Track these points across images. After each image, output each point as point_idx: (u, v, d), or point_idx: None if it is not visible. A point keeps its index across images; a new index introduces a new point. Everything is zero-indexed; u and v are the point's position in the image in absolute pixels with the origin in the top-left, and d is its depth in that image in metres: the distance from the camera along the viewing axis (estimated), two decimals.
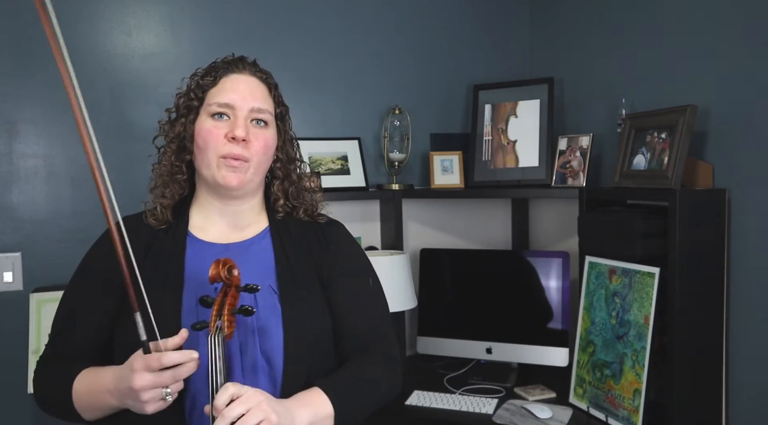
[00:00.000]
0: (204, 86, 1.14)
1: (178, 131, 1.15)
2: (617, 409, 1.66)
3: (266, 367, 1.07)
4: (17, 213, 1.88)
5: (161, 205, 1.15)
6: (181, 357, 0.94)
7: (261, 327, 1.08)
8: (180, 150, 1.16)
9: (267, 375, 1.07)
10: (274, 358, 1.07)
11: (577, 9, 2.24)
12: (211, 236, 1.16)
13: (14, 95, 1.88)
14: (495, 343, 2.11)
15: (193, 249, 1.14)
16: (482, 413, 1.78)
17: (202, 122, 1.12)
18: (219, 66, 1.16)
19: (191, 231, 1.16)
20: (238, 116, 1.11)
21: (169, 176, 1.16)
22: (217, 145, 1.10)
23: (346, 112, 2.30)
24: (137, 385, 0.93)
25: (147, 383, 0.93)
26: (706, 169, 1.68)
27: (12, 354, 1.83)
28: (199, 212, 1.18)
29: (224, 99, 1.12)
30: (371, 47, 2.32)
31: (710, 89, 1.69)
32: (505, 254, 2.34)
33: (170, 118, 1.19)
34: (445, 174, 2.31)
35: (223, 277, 1.00)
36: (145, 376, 0.93)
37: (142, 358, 0.94)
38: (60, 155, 1.93)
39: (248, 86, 1.14)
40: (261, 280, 1.10)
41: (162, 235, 1.14)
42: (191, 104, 1.15)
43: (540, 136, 2.20)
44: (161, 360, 0.93)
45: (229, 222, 1.18)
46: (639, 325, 1.63)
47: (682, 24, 1.78)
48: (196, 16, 2.08)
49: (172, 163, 1.16)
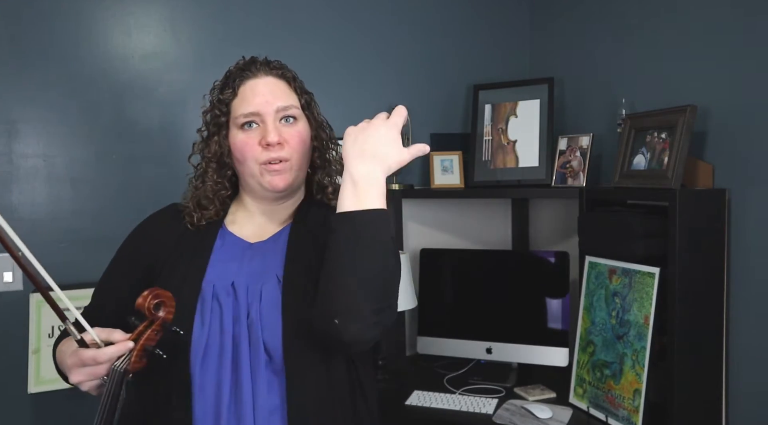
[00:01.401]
0: (225, 100, 1.14)
1: (215, 150, 1.15)
2: (617, 409, 1.66)
3: (270, 363, 1.06)
4: (17, 213, 1.88)
5: (200, 214, 1.16)
6: (117, 351, 0.95)
7: (264, 323, 1.07)
8: (220, 167, 1.17)
9: (270, 370, 1.06)
10: (274, 351, 1.06)
11: (577, 9, 2.24)
12: (245, 232, 1.18)
13: (14, 95, 1.88)
14: (495, 343, 2.11)
15: (221, 241, 1.16)
16: (482, 413, 1.78)
17: (234, 136, 1.13)
18: (234, 75, 1.15)
19: (225, 225, 1.18)
20: (267, 121, 1.11)
21: (214, 194, 1.17)
22: (255, 154, 1.11)
23: (346, 111, 2.28)
24: (74, 380, 0.96)
25: (83, 377, 0.96)
26: (706, 169, 1.68)
27: (12, 354, 1.83)
28: (238, 210, 1.21)
29: (248, 108, 1.12)
30: (371, 47, 2.31)
31: (710, 89, 1.69)
32: (505, 254, 2.34)
33: (203, 137, 1.19)
34: (445, 174, 2.31)
35: (146, 310, 0.96)
36: (81, 371, 0.95)
37: (77, 355, 0.95)
38: (60, 155, 1.93)
39: (267, 88, 1.14)
40: (270, 275, 1.11)
41: (197, 229, 1.17)
42: (219, 121, 1.15)
43: (540, 136, 2.20)
44: (96, 357, 0.94)
45: (268, 219, 1.19)
46: (639, 325, 1.63)
47: (682, 24, 1.78)
48: (196, 16, 2.08)
49: (216, 181, 1.17)
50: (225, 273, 1.11)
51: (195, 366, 1.05)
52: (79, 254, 1.92)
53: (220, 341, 1.06)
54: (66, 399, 1.81)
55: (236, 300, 1.09)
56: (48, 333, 1.80)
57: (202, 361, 1.05)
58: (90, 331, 0.95)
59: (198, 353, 1.05)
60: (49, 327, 1.81)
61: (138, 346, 0.95)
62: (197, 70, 2.05)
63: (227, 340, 1.06)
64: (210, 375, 1.05)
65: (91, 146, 1.95)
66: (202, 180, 1.18)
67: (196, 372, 1.05)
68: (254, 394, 1.05)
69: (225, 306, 1.08)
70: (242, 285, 1.10)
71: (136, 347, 0.94)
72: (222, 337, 1.06)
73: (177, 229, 1.17)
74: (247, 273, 1.11)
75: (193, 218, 1.16)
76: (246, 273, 1.11)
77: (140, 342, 0.95)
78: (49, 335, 1.80)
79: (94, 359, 0.93)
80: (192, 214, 1.16)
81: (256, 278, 1.11)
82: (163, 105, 2.04)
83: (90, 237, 1.94)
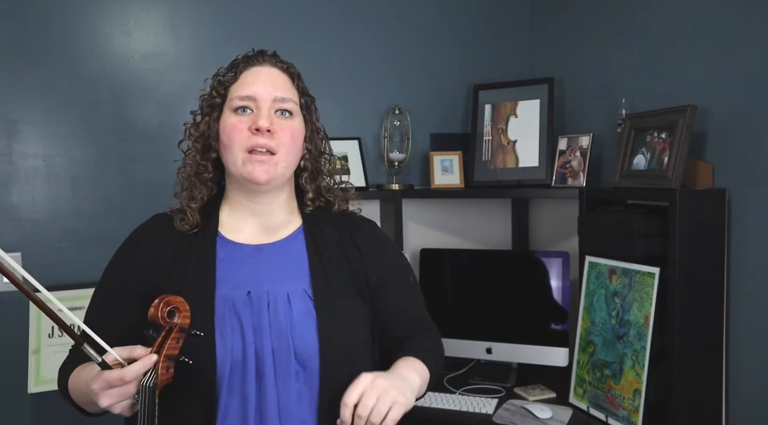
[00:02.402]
0: (225, 83, 1.12)
1: (203, 130, 1.13)
2: (617, 409, 1.66)
3: (302, 372, 1.05)
4: (17, 213, 1.88)
5: (190, 208, 1.12)
6: (143, 367, 0.91)
7: (295, 333, 1.06)
8: (205, 149, 1.13)
9: (302, 380, 1.05)
10: (309, 362, 1.05)
11: (577, 9, 2.24)
12: (242, 237, 1.14)
13: (14, 95, 1.88)
14: (495, 343, 2.11)
15: (224, 251, 1.11)
16: (482, 413, 1.78)
17: (226, 119, 1.10)
18: (239, 61, 1.14)
19: (221, 232, 1.14)
20: (261, 107, 1.08)
21: (196, 176, 1.13)
22: (242, 138, 1.07)
23: (346, 112, 2.29)
24: (105, 404, 0.91)
25: (114, 399, 0.91)
26: (706, 169, 1.68)
27: (12, 354, 1.83)
28: (229, 213, 1.16)
29: (246, 91, 1.09)
30: (371, 47, 2.31)
31: (710, 89, 1.69)
32: (505, 254, 2.34)
33: (195, 120, 1.16)
34: (445, 174, 2.31)
35: (161, 319, 0.93)
36: (110, 393, 0.91)
37: (101, 378, 0.90)
38: (60, 155, 1.93)
39: (269, 77, 1.12)
40: (293, 284, 1.10)
41: (191, 238, 1.12)
42: (214, 102, 1.12)
43: (540, 136, 2.20)
44: (123, 377, 0.89)
45: (260, 222, 1.15)
46: (639, 325, 1.63)
47: (682, 24, 1.78)
48: (196, 16, 2.08)
49: (198, 162, 1.13)
50: (238, 282, 1.08)
51: (222, 385, 1.02)
52: (78, 254, 1.92)
53: (243, 353, 1.03)
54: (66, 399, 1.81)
55: (253, 309, 1.07)
56: (48, 334, 1.80)
57: (229, 377, 1.02)
58: (111, 351, 0.92)
59: (224, 370, 1.02)
60: (49, 327, 1.81)
61: (162, 358, 0.92)
62: (197, 70, 2.03)
63: (250, 351, 1.04)
64: (236, 390, 1.03)
65: (91, 146, 1.96)
66: (185, 162, 1.16)
67: (223, 391, 1.02)
68: (281, 405, 1.03)
69: (244, 318, 1.05)
70: (259, 294, 1.08)
71: (160, 359, 0.92)
72: (245, 349, 1.04)
73: (170, 240, 1.12)
74: (263, 280, 1.09)
75: (186, 215, 1.11)
76: (261, 281, 1.09)
77: (163, 353, 0.93)
78: (48, 335, 1.80)
79: (121, 378, 0.89)
80: (185, 211, 1.12)
81: (274, 286, 1.09)
82: (162, 105, 2.04)
83: (90, 237, 1.94)
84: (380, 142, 2.32)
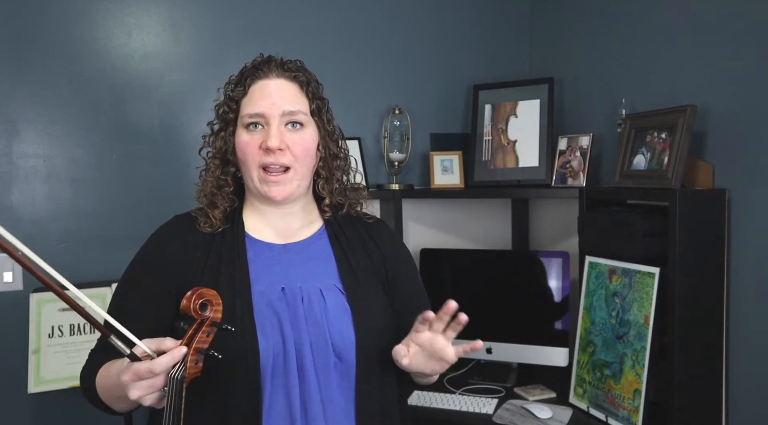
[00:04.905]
0: (235, 97, 1.14)
1: (219, 146, 1.16)
2: (617, 409, 1.66)
3: (339, 364, 1.09)
4: (17, 213, 1.88)
5: (213, 214, 1.15)
6: (172, 359, 0.91)
7: (332, 326, 1.10)
8: (224, 164, 1.17)
9: (339, 371, 1.09)
10: (346, 354, 1.09)
11: (577, 9, 2.24)
12: (268, 237, 1.18)
13: (14, 95, 1.88)
14: (495, 343, 2.11)
15: (253, 250, 1.15)
16: (482, 413, 1.78)
17: (239, 135, 1.13)
18: (247, 73, 1.15)
19: (248, 233, 1.17)
20: (271, 124, 1.11)
21: (217, 189, 1.16)
22: (255, 156, 1.11)
23: (346, 112, 2.28)
24: (135, 396, 0.92)
25: (143, 391, 0.92)
26: (706, 169, 1.68)
27: (12, 354, 1.83)
28: (252, 215, 1.19)
29: (254, 109, 1.11)
30: (371, 47, 2.32)
31: (710, 89, 1.69)
32: (505, 254, 2.34)
33: (213, 130, 1.19)
34: (445, 174, 2.31)
35: (193, 311, 0.94)
36: (139, 385, 0.91)
37: (131, 370, 0.91)
38: (60, 155, 1.93)
39: (277, 90, 1.13)
40: (324, 280, 1.14)
41: (219, 238, 1.14)
42: (227, 117, 1.15)
43: (540, 136, 2.20)
44: (152, 368, 0.90)
45: (282, 225, 1.19)
46: (639, 325, 1.63)
47: (682, 24, 1.78)
48: (196, 16, 2.08)
49: (218, 177, 1.17)
50: (270, 279, 1.12)
51: (266, 379, 1.05)
52: (79, 254, 1.92)
53: (284, 346, 1.06)
54: (66, 399, 1.81)
55: (288, 305, 1.10)
56: (48, 334, 1.80)
57: (272, 370, 1.05)
58: (139, 344, 0.92)
59: (267, 364, 1.05)
60: (49, 327, 1.80)
61: (191, 350, 0.93)
62: (197, 70, 2.05)
63: (290, 344, 1.07)
64: (279, 382, 1.06)
65: (91, 146, 1.96)
66: (206, 175, 1.19)
67: (267, 384, 1.05)
68: (323, 394, 1.07)
69: (281, 312, 1.09)
70: (293, 290, 1.11)
71: (189, 351, 0.92)
72: (285, 342, 1.07)
73: (200, 239, 1.14)
74: (294, 277, 1.13)
75: (209, 218, 1.14)
76: (292, 278, 1.13)
77: (192, 346, 0.93)
78: (48, 335, 1.80)
79: (151, 370, 0.89)
80: (207, 213, 1.15)
81: (305, 282, 1.13)
82: (163, 105, 2.04)
83: (90, 237, 1.94)
84: (380, 142, 2.32)
